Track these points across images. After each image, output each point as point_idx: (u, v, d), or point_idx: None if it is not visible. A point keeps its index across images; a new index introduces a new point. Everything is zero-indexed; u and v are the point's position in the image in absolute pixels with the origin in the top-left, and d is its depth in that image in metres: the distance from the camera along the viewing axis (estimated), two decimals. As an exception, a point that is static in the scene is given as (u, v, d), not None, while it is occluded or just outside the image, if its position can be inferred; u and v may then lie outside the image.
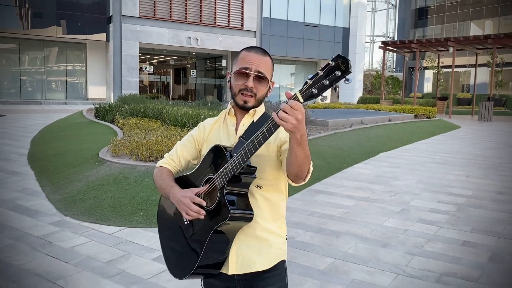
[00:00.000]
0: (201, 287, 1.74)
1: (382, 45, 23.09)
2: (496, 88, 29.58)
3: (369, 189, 6.13)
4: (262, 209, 1.59)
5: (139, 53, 23.55)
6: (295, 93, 1.32)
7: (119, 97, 15.39)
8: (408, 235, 4.37)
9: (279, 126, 1.31)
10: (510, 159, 8.93)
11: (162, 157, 6.15)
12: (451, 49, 20.48)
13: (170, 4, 23.52)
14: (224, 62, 29.09)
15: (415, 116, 16.04)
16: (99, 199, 5.25)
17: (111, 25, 22.69)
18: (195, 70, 31.29)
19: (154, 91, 30.81)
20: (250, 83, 1.55)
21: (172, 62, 31.45)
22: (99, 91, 24.93)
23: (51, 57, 24.42)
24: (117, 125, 10.62)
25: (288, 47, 28.88)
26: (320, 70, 1.29)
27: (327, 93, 1.47)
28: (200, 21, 24.65)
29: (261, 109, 1.64)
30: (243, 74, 1.56)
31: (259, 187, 1.57)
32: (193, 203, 1.50)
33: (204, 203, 1.51)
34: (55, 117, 15.48)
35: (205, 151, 1.65)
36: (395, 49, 23.90)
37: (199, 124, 1.75)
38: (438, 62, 25.37)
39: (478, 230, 4.53)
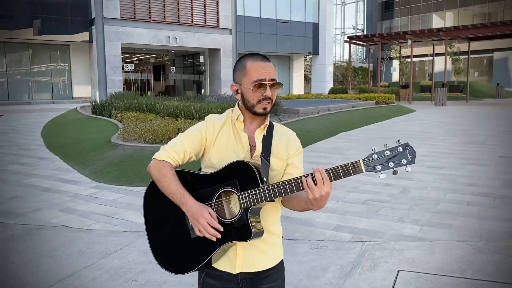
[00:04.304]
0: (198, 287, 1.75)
1: (348, 39, 25.09)
2: (455, 75, 32.07)
3: (326, 157, 7.99)
4: (268, 213, 1.66)
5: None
6: (358, 161, 1.44)
7: (111, 95, 16.84)
8: (348, 182, 6.22)
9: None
10: (444, 133, 10.97)
11: (166, 140, 7.85)
12: (409, 41, 22.62)
13: (149, 5, 24.87)
14: (202, 59, 30.55)
15: (376, 103, 18.07)
16: (123, 171, 6.93)
17: (93, 27, 23.95)
18: (174, 67, 32.67)
19: (135, 88, 32.09)
20: (269, 93, 1.60)
21: (152, 60, 32.76)
22: (84, 90, 26.19)
23: (36, 58, 25.52)
24: (115, 119, 12.18)
25: (262, 43, 30.62)
26: (386, 150, 1.42)
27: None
28: (178, 20, 26.09)
29: (267, 120, 1.69)
30: (261, 86, 1.59)
31: None
32: (211, 226, 1.50)
33: (221, 229, 1.52)
34: (50, 115, 16.83)
35: (214, 154, 1.66)
36: (360, 43, 25.92)
37: (206, 119, 1.71)
38: (400, 53, 27.57)
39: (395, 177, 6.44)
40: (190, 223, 1.59)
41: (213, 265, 1.65)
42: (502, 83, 31.18)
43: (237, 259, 1.65)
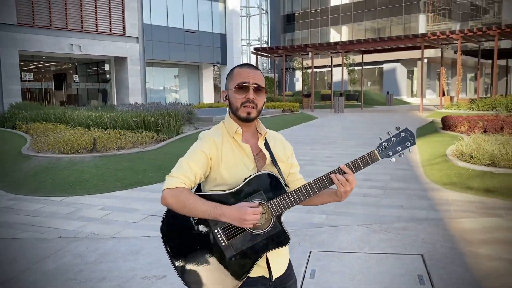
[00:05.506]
0: None
1: (255, 51, 26.26)
2: (351, 85, 34.94)
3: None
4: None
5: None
6: (373, 150, 1.63)
7: (12, 105, 15.87)
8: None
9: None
10: (343, 137, 12.22)
11: (82, 150, 7.83)
12: (310, 54, 24.35)
13: (50, 11, 23.75)
14: (107, 67, 29.73)
15: (283, 111, 19.22)
16: (40, 182, 6.84)
17: (-14, 32, 22.23)
18: (77, 75, 31.32)
19: (33, 98, 30.14)
20: (251, 95, 1.62)
21: (52, 68, 31.08)
22: (-25, 100, 24.05)
23: None
24: (21, 130, 11.62)
25: (170, 52, 30.67)
26: (392, 137, 1.64)
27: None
28: (82, 28, 25.21)
29: (262, 129, 1.74)
30: (243, 88, 1.63)
31: None
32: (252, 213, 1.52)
33: (260, 208, 1.55)
34: None
35: (225, 170, 1.64)
36: (265, 54, 27.25)
37: (205, 138, 1.68)
38: (302, 64, 29.44)
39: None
40: (223, 244, 1.60)
41: (248, 275, 1.65)
42: (391, 91, 34.66)
43: (272, 266, 1.69)
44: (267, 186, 1.62)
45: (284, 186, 1.64)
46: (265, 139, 1.74)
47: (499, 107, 17.00)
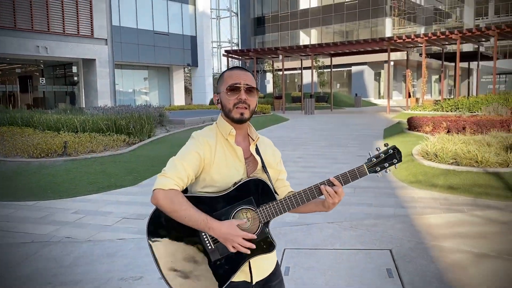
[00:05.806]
0: None
1: (226, 53, 26.34)
2: (320, 87, 35.49)
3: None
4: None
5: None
6: (363, 165, 1.67)
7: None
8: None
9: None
10: (314, 138, 12.47)
11: (53, 153, 7.73)
12: (280, 56, 24.65)
13: (14, 12, 23.12)
14: (75, 69, 29.14)
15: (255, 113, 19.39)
16: (10, 186, 6.72)
17: None
18: (43, 78, 30.56)
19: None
20: (243, 95, 1.63)
21: (17, 70, 30.23)
22: None
23: None
24: (-15, 134, 11.31)
25: (140, 54, 30.37)
26: (381, 153, 1.68)
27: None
28: (48, 29, 24.65)
29: (254, 134, 1.75)
30: (234, 89, 1.64)
31: None
32: (245, 239, 1.55)
33: (255, 238, 1.58)
34: None
35: (216, 172, 1.65)
36: (236, 57, 27.37)
37: (198, 139, 1.66)
38: (273, 66, 29.73)
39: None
40: (210, 247, 1.61)
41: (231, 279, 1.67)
42: (359, 93, 35.37)
43: (253, 271, 1.69)
44: (258, 193, 1.63)
45: (274, 194, 1.67)
46: (256, 144, 1.76)
47: (462, 108, 17.69)
